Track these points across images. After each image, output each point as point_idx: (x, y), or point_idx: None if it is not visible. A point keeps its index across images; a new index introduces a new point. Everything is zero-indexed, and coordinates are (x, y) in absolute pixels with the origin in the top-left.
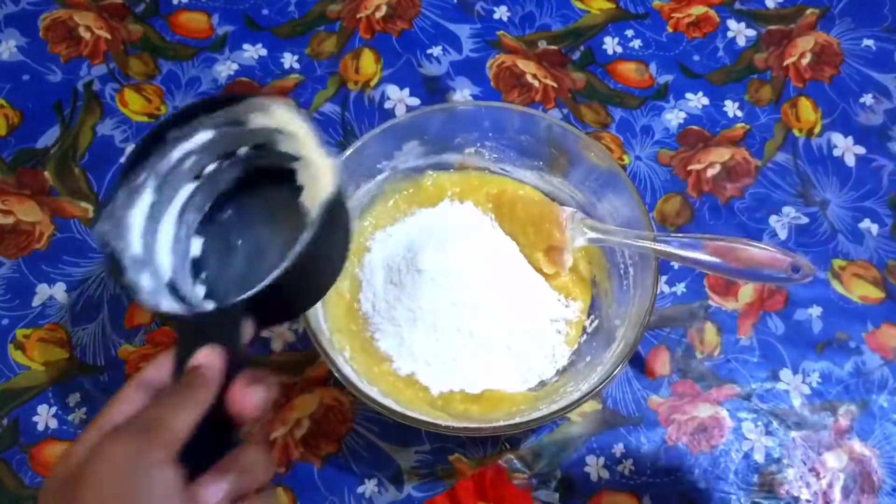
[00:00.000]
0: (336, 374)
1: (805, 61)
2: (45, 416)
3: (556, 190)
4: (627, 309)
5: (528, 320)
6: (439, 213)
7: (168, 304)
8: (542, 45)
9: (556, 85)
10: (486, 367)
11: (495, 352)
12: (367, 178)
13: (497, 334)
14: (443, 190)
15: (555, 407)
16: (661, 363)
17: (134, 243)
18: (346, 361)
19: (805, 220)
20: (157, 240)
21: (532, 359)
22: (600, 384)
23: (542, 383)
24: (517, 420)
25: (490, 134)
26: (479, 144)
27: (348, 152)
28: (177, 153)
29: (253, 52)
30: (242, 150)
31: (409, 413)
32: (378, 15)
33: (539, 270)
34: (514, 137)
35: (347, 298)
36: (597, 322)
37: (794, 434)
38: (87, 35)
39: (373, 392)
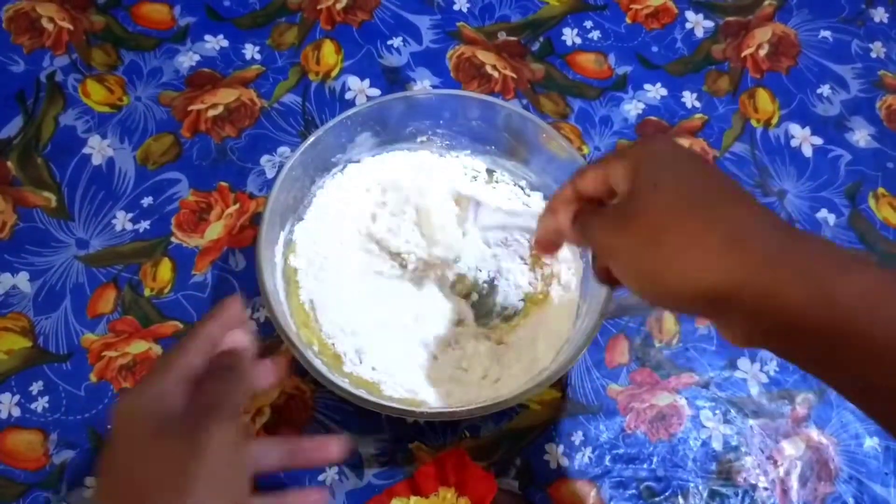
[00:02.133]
0: (306, 368)
1: (763, 52)
2: (8, 405)
3: (507, 173)
4: (586, 298)
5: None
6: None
7: None
8: (502, 35)
9: (515, 76)
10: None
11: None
12: (322, 173)
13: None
14: None
15: (515, 393)
16: (620, 352)
17: None
18: (316, 355)
19: None
20: None
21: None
22: (559, 371)
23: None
24: (477, 405)
25: (441, 122)
26: (430, 133)
27: (304, 146)
28: None
29: (214, 42)
30: None
31: (381, 402)
32: (338, 6)
33: None
34: (465, 124)
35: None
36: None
37: (751, 422)
38: (49, 26)
39: (344, 383)
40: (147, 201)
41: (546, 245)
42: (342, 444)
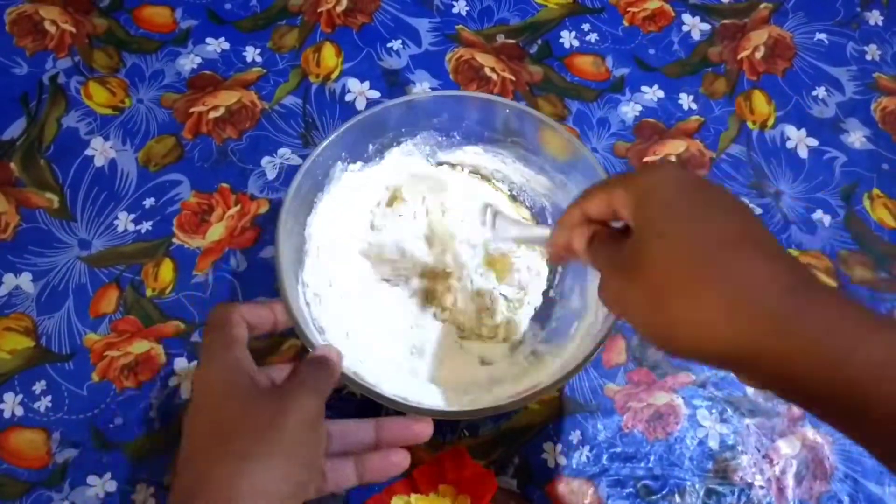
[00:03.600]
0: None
1: (759, 55)
2: (11, 404)
3: (502, 164)
4: (585, 299)
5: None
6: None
7: None
8: (500, 38)
9: (513, 78)
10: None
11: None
12: (326, 179)
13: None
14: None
15: (518, 396)
16: (618, 352)
17: None
18: None
19: (759, 210)
20: None
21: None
22: (565, 377)
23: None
24: (480, 406)
25: (440, 124)
26: (430, 135)
27: (321, 147)
28: None
29: (216, 45)
30: None
31: (395, 398)
32: (339, 9)
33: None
34: (464, 126)
35: None
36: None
37: (748, 421)
38: (52, 29)
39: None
40: (149, 202)
41: (558, 258)
42: (428, 424)
